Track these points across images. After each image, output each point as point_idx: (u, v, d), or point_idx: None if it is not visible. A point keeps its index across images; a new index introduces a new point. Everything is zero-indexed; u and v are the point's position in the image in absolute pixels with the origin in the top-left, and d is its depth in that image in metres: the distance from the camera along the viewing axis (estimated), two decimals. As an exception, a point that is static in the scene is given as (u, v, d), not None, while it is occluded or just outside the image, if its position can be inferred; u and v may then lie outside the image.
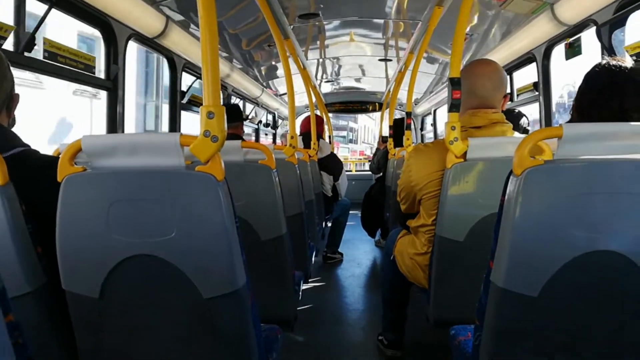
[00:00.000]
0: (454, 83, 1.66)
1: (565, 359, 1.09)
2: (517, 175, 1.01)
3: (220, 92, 1.13)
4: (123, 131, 2.67)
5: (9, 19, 1.89)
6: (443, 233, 1.71)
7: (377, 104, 8.04)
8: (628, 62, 1.25)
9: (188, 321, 1.14)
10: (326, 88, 6.99)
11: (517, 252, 1.03)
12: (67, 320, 1.14)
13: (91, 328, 1.16)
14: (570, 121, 1.34)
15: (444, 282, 1.77)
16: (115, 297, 1.12)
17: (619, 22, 2.30)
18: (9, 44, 1.81)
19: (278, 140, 7.77)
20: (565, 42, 2.82)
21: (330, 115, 7.68)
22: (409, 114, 3.73)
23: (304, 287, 2.47)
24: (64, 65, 2.16)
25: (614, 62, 1.26)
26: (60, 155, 1.09)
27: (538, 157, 1.04)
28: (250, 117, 6.01)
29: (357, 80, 6.49)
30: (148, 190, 1.07)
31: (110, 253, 1.08)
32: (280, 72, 5.19)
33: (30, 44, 1.88)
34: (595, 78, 1.29)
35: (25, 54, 1.91)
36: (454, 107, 1.66)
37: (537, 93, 3.29)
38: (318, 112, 4.79)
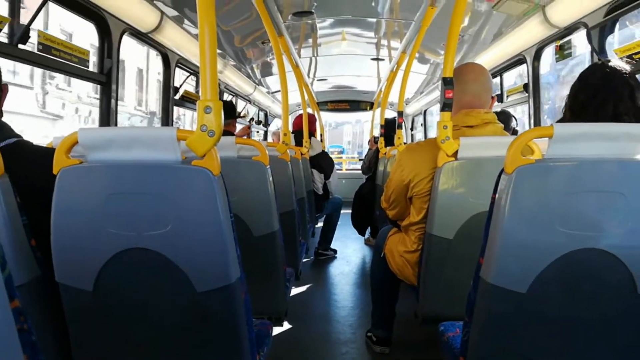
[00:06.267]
0: (447, 82, 1.68)
1: (553, 353, 1.11)
2: (508, 173, 1.03)
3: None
4: (116, 125, 2.66)
5: (4, 11, 1.87)
6: (433, 231, 1.73)
7: (368, 103, 8.06)
8: (624, 64, 1.24)
9: (181, 315, 1.15)
10: (318, 86, 6.99)
11: (507, 248, 1.05)
12: (60, 312, 1.14)
13: (84, 320, 1.16)
14: (562, 120, 1.34)
15: (433, 280, 1.78)
16: (109, 290, 1.12)
17: (609, 25, 2.33)
18: (3, 36, 1.79)
19: (269, 138, 7.75)
20: (556, 44, 2.85)
21: (322, 113, 7.69)
22: (400, 114, 3.74)
23: (294, 283, 2.48)
24: (58, 58, 2.14)
25: (611, 64, 1.25)
26: (54, 147, 1.09)
27: (529, 157, 1.07)
28: (242, 114, 5.99)
29: (349, 79, 6.49)
30: (144, 183, 1.07)
31: (104, 246, 1.08)
32: (273, 69, 5.18)
33: (25, 36, 1.87)
34: (591, 78, 1.28)
35: (20, 46, 1.89)
36: (446, 106, 1.67)
37: (526, 94, 3.33)
38: (310, 110, 4.79)
